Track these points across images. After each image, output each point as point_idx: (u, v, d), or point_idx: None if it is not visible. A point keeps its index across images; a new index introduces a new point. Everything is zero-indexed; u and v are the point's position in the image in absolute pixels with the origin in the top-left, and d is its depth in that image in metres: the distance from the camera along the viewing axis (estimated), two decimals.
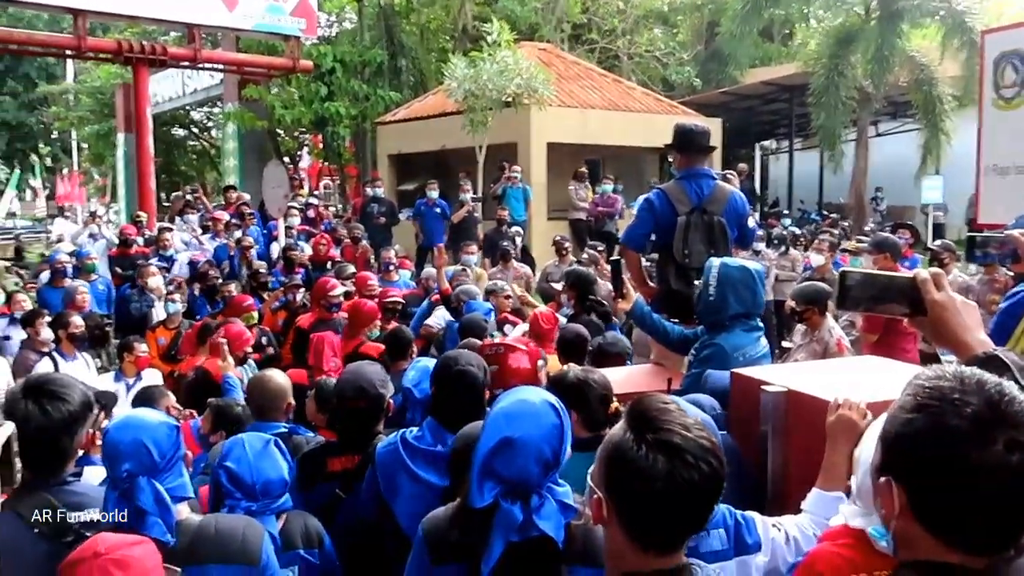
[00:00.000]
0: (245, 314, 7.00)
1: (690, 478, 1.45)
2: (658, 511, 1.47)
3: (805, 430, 2.58)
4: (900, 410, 1.25)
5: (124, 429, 2.36)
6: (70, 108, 32.67)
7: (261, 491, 2.66)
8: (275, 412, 3.67)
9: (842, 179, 19.45)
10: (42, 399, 2.36)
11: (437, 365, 3.11)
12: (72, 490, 2.41)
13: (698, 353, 3.77)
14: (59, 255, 9.12)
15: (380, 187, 13.44)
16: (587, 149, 16.33)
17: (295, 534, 2.79)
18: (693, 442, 1.48)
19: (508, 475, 2.03)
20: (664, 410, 1.53)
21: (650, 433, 1.48)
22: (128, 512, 2.28)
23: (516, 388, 2.26)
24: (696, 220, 4.63)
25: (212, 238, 11.22)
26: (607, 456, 1.53)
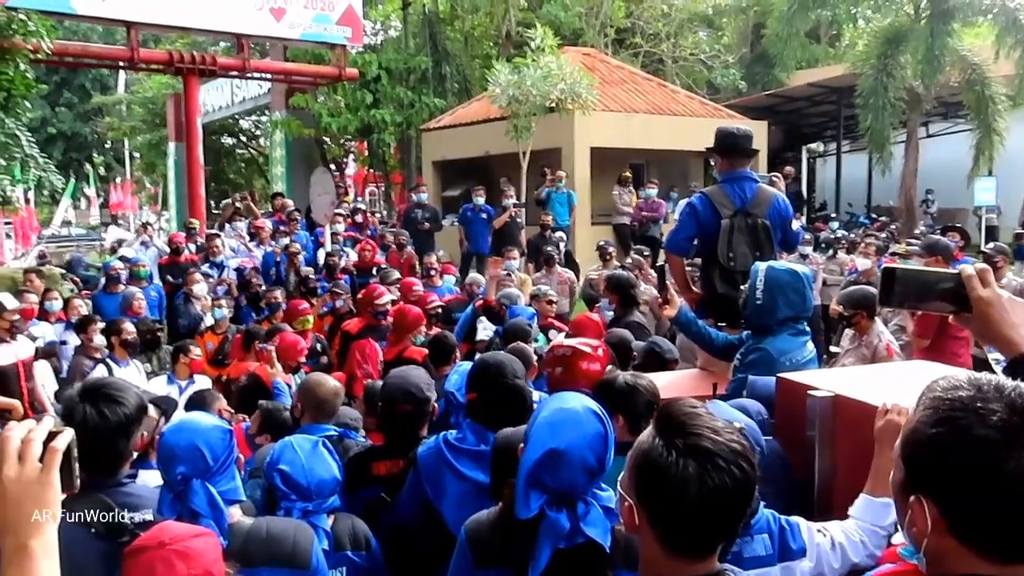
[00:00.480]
0: (301, 318, 7.12)
1: (722, 483, 1.42)
2: (690, 517, 1.44)
3: (853, 436, 2.55)
4: (922, 425, 1.22)
5: (179, 433, 2.43)
6: (123, 118, 33.44)
7: (315, 491, 2.70)
8: (326, 416, 3.71)
9: (891, 182, 19.11)
10: (99, 402, 2.43)
11: (475, 370, 3.08)
12: (127, 491, 2.47)
13: (743, 358, 3.73)
14: (113, 262, 9.33)
15: (425, 193, 13.53)
16: (631, 153, 16.27)
17: (343, 535, 2.82)
18: (724, 446, 1.46)
19: (554, 486, 2.03)
20: (693, 414, 1.51)
21: (679, 438, 1.46)
22: (182, 514, 2.34)
23: (558, 394, 2.25)
24: (740, 223, 4.60)
25: (258, 245, 11.38)
26: (637, 463, 1.50)
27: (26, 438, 1.31)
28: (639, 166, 17.02)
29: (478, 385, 2.98)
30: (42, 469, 1.30)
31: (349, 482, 3.17)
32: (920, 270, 1.80)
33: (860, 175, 21.77)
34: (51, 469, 1.30)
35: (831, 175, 22.83)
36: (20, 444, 1.30)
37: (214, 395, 4.93)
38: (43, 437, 1.32)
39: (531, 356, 4.81)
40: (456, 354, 5.45)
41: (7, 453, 1.29)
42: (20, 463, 1.29)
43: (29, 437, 1.31)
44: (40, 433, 1.32)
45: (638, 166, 16.90)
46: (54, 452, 1.31)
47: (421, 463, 2.90)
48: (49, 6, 12.23)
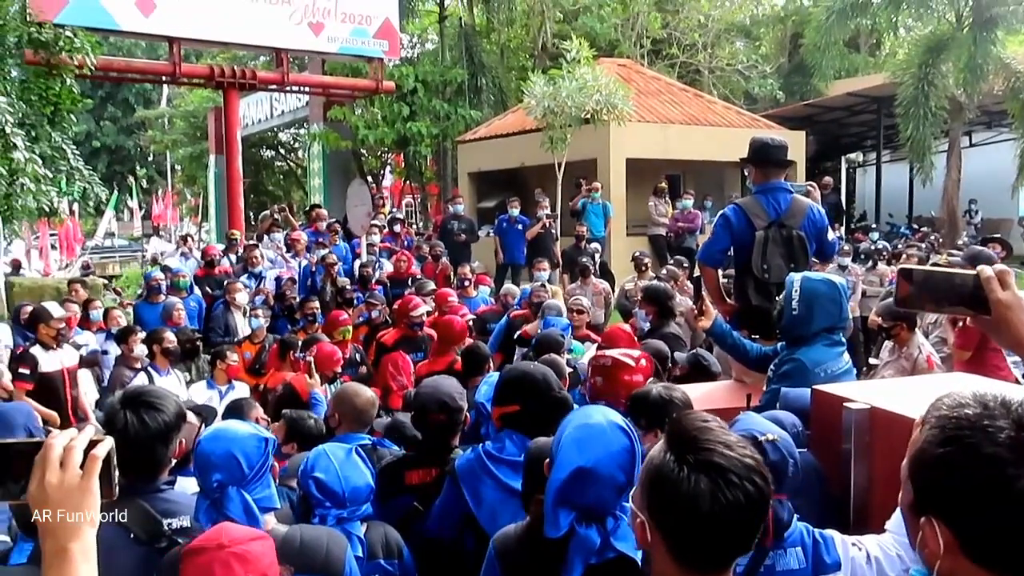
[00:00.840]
0: (340, 329, 7.20)
1: (735, 498, 1.40)
2: (703, 533, 1.42)
3: (889, 449, 2.52)
4: (928, 444, 1.20)
5: (215, 440, 2.47)
6: (165, 132, 34.06)
7: (350, 498, 2.72)
8: (360, 425, 3.74)
9: (933, 192, 18.82)
10: (139, 409, 2.48)
11: (515, 382, 3.04)
12: (165, 497, 2.52)
13: (777, 368, 3.70)
14: (154, 273, 9.48)
15: (461, 204, 13.58)
16: (667, 164, 16.22)
17: (376, 544, 2.83)
18: (736, 461, 1.43)
19: (583, 503, 2.03)
20: (704, 428, 1.48)
21: (691, 453, 1.43)
22: (218, 521, 2.38)
23: (582, 410, 2.24)
24: (774, 234, 4.57)
25: (294, 256, 11.49)
26: (648, 478, 1.48)
27: (68, 445, 1.34)
28: (675, 177, 16.96)
29: (521, 397, 2.95)
30: (83, 476, 1.33)
31: (382, 491, 3.19)
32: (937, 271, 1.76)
33: (901, 185, 21.47)
34: (91, 476, 1.34)
35: (871, 185, 22.54)
36: (62, 451, 1.34)
37: (251, 403, 5.00)
38: (84, 445, 1.35)
39: (563, 368, 4.82)
40: (489, 365, 5.47)
41: (50, 460, 1.33)
42: (62, 469, 1.32)
43: (71, 444, 1.34)
44: (82, 441, 1.35)
45: (674, 177, 16.84)
46: (94, 459, 1.34)
47: (460, 473, 2.89)
48: (95, 23, 12.53)
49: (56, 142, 9.57)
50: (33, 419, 4.74)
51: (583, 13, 22.67)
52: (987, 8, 17.36)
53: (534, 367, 3.16)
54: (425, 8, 23.36)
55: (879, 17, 20.84)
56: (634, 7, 22.91)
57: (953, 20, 18.59)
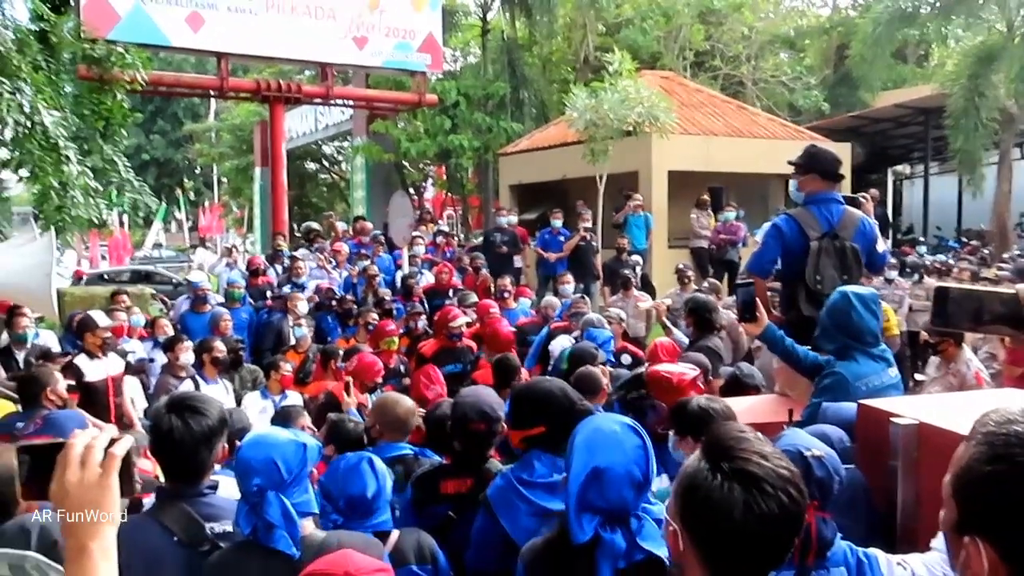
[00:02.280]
0: (386, 339, 7.24)
1: (768, 509, 1.38)
2: (735, 543, 1.40)
3: (938, 466, 2.44)
4: (976, 462, 1.17)
5: (256, 446, 2.50)
6: (212, 145, 34.72)
7: (346, 506, 2.72)
8: (400, 434, 3.75)
9: (982, 204, 18.47)
10: (184, 413, 2.52)
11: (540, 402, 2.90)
12: (208, 502, 2.55)
13: (819, 382, 3.66)
14: (202, 283, 9.55)
15: (505, 216, 13.51)
16: (710, 177, 16.10)
17: (407, 550, 2.82)
18: (771, 471, 1.41)
19: (605, 505, 2.03)
20: (740, 438, 1.47)
21: (725, 462, 1.42)
22: (257, 525, 2.40)
23: (591, 417, 2.24)
24: (828, 246, 4.51)
25: (335, 267, 11.58)
26: (682, 486, 1.47)
27: (88, 444, 1.38)
28: (718, 189, 16.84)
29: (546, 417, 2.84)
30: (102, 474, 1.36)
31: (417, 500, 3.22)
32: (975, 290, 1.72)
33: (949, 198, 21.09)
34: (110, 474, 1.37)
35: (918, 198, 22.18)
36: (83, 450, 1.37)
37: (299, 411, 5.06)
38: (104, 444, 1.39)
39: (599, 380, 4.79)
40: (520, 376, 5.45)
41: (70, 459, 1.36)
42: (82, 468, 1.36)
43: (91, 443, 1.38)
44: (102, 440, 1.39)
45: (717, 189, 16.72)
46: (113, 457, 1.38)
47: (493, 501, 2.80)
48: (146, 39, 12.83)
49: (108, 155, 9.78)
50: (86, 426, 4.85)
51: (625, 26, 22.68)
52: None
53: (549, 383, 3.05)
54: (468, 22, 23.54)
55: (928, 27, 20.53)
56: (677, 19, 22.86)
57: (1004, 30, 18.25)
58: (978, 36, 20.28)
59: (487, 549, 2.81)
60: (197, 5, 13.76)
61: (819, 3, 29.99)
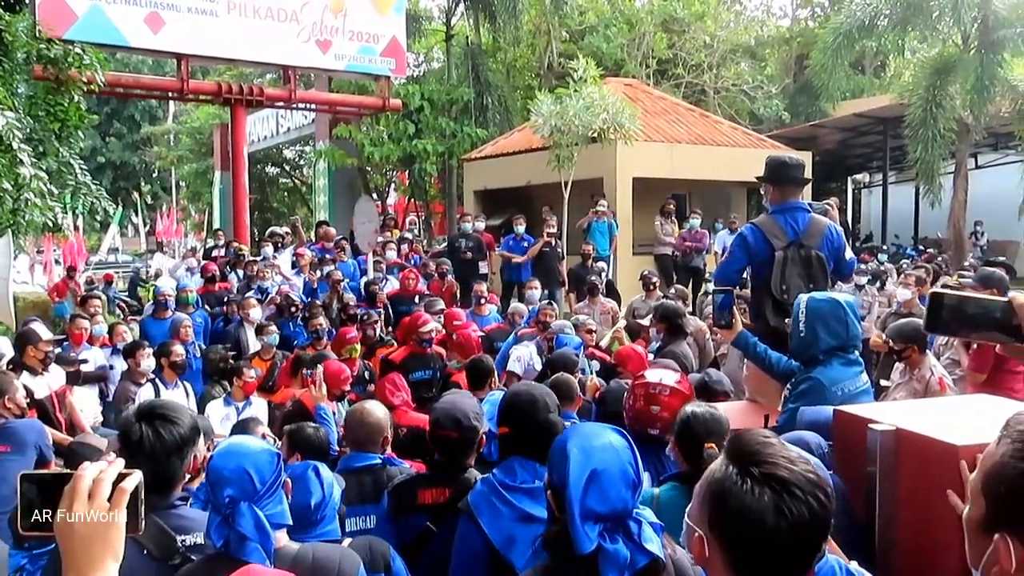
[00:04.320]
0: (348, 346, 7.16)
1: (799, 513, 1.39)
2: (765, 548, 1.41)
3: (916, 472, 2.48)
4: (1008, 459, 1.18)
5: (227, 456, 2.42)
6: (171, 148, 34.22)
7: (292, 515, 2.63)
8: (372, 444, 3.70)
9: (939, 213, 18.82)
10: (155, 422, 2.45)
11: (506, 404, 2.96)
12: (179, 514, 2.49)
13: (794, 388, 3.69)
14: (163, 288, 9.41)
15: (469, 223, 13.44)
16: (673, 184, 16.23)
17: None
18: (800, 475, 1.42)
19: (606, 509, 2.00)
20: (767, 443, 1.48)
21: (754, 467, 1.43)
22: (230, 537, 2.34)
23: (572, 427, 2.25)
24: (793, 255, 4.55)
25: (297, 273, 11.46)
26: (710, 493, 1.47)
27: (97, 478, 1.34)
28: (681, 196, 16.98)
29: (510, 419, 2.88)
30: (110, 509, 1.33)
31: (394, 509, 3.17)
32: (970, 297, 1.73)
33: (906, 206, 21.48)
34: (118, 509, 1.34)
35: (876, 206, 22.58)
36: (91, 483, 1.34)
37: (257, 421, 4.98)
38: (113, 478, 1.35)
39: (575, 387, 4.79)
40: (493, 379, 5.44)
41: (78, 492, 1.33)
42: (90, 502, 1.33)
43: (100, 477, 1.34)
44: (110, 474, 1.36)
45: (680, 196, 16.85)
46: (122, 493, 1.35)
47: (475, 508, 2.75)
48: (104, 39, 12.61)
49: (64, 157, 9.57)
50: (44, 436, 4.73)
51: (589, 33, 22.80)
52: (993, 30, 17.40)
53: (534, 388, 3.07)
54: (432, 27, 23.49)
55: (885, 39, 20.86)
56: (640, 27, 23.04)
57: (960, 42, 18.63)
58: (934, 48, 20.69)
59: (470, 559, 2.76)
60: (157, 6, 13.54)
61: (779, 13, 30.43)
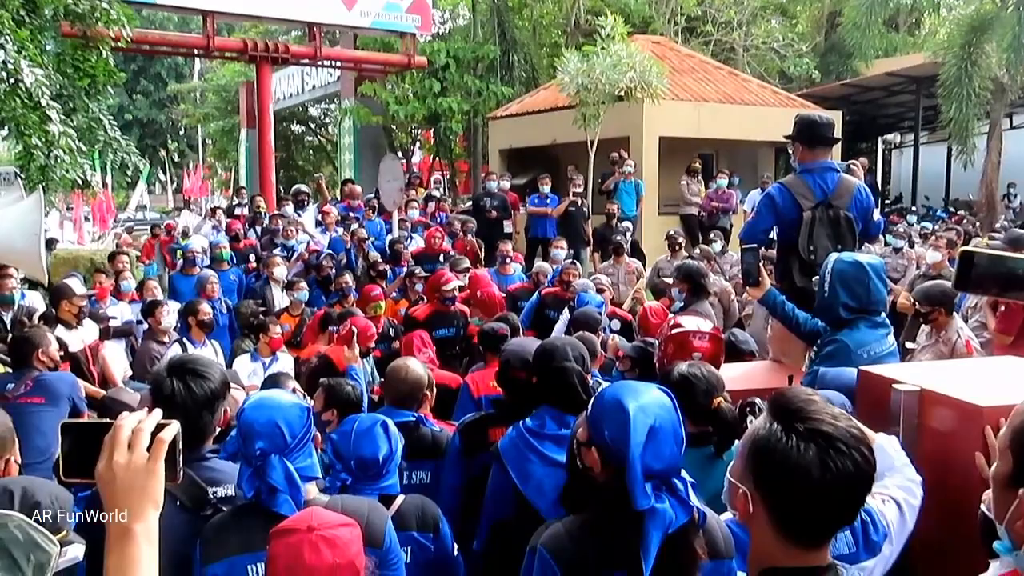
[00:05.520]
0: (373, 304, 7.18)
1: (844, 467, 1.42)
2: (812, 503, 1.44)
3: (939, 433, 2.48)
4: None
5: (259, 409, 2.48)
6: (197, 106, 34.28)
7: (357, 466, 2.76)
8: (412, 401, 3.67)
9: (971, 175, 18.49)
10: (186, 377, 2.50)
11: (536, 358, 3.15)
12: (210, 466, 2.55)
13: (820, 349, 3.69)
14: (191, 245, 9.47)
15: (495, 181, 13.38)
16: (700, 143, 16.07)
17: (410, 516, 2.88)
18: (844, 431, 1.46)
19: (661, 465, 2.02)
20: (810, 400, 1.51)
21: (799, 423, 1.46)
22: (260, 489, 2.40)
23: (620, 384, 2.23)
24: (821, 215, 4.51)
25: (323, 231, 11.50)
26: (755, 448, 1.50)
27: (137, 427, 1.37)
28: (708, 156, 16.80)
29: (536, 367, 3.10)
30: (149, 458, 1.36)
31: (467, 447, 3.36)
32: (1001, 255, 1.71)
33: (938, 167, 21.12)
34: (157, 459, 1.37)
35: (907, 167, 22.20)
36: (131, 433, 1.37)
37: (286, 376, 5.04)
38: (152, 428, 1.38)
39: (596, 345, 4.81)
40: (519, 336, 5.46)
41: (119, 441, 1.36)
42: (130, 451, 1.36)
43: (140, 427, 1.38)
44: (149, 424, 1.39)
45: (707, 156, 16.68)
46: (161, 443, 1.38)
47: (504, 454, 2.92)
48: None
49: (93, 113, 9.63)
50: (77, 389, 4.82)
51: None
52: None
53: (559, 339, 3.29)
54: None
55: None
56: None
57: None
58: (970, 5, 20.20)
59: (501, 500, 2.92)
60: None
61: None
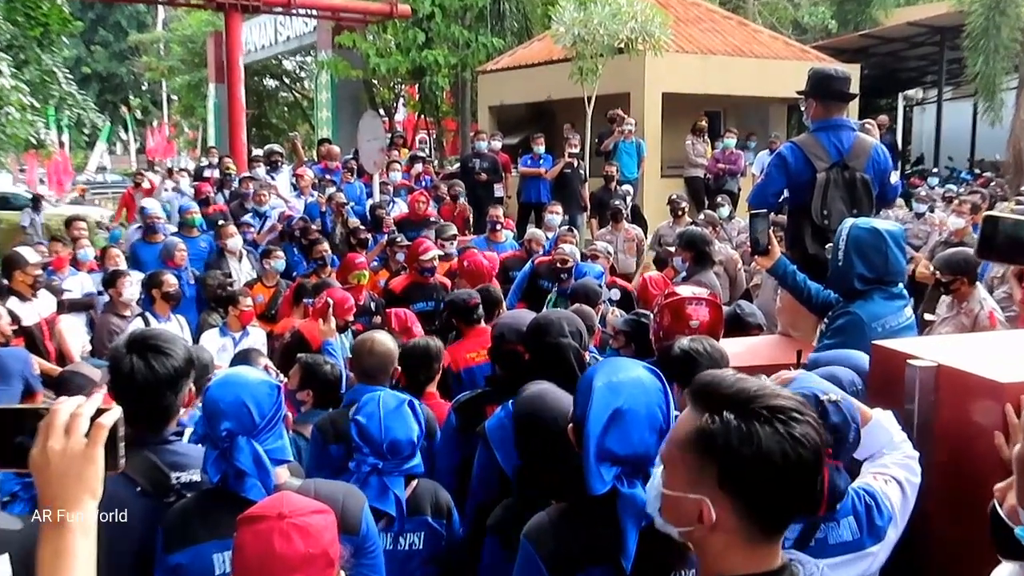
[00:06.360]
0: (356, 272, 7.13)
1: (810, 438, 1.41)
2: (786, 486, 1.41)
3: (957, 410, 2.49)
4: None
5: (225, 387, 2.48)
6: (161, 58, 33.94)
7: (389, 450, 2.82)
8: (381, 376, 3.76)
9: (998, 133, 18.48)
10: (147, 353, 2.48)
11: (529, 333, 3.21)
12: (174, 449, 2.55)
13: (831, 322, 3.69)
14: (151, 210, 9.34)
15: (484, 141, 13.30)
16: (707, 100, 15.99)
17: (425, 501, 2.97)
18: (788, 399, 1.45)
19: (625, 451, 2.02)
20: (743, 379, 1.48)
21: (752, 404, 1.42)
22: (227, 472, 2.40)
23: (608, 360, 2.28)
24: (836, 177, 4.50)
25: (298, 196, 11.41)
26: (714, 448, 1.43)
27: (75, 412, 1.37)
28: (715, 114, 16.73)
29: (528, 342, 3.17)
30: (87, 444, 1.36)
31: (463, 425, 3.41)
32: None
33: (963, 126, 21.09)
34: (96, 445, 1.37)
35: (929, 125, 22.19)
36: (68, 418, 1.37)
37: (258, 352, 5.03)
38: (91, 412, 1.38)
39: (594, 319, 4.82)
40: (501, 309, 5.47)
41: (54, 426, 1.36)
42: (66, 436, 1.35)
43: (77, 412, 1.37)
44: (88, 409, 1.38)
45: (714, 114, 16.61)
46: (100, 428, 1.37)
47: (491, 435, 2.96)
48: None
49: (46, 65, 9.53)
50: (29, 366, 4.80)
51: None
52: None
53: (553, 313, 3.34)
54: None
55: None
56: None
57: None
58: None
59: (487, 483, 2.97)
60: None
61: None
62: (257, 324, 6.92)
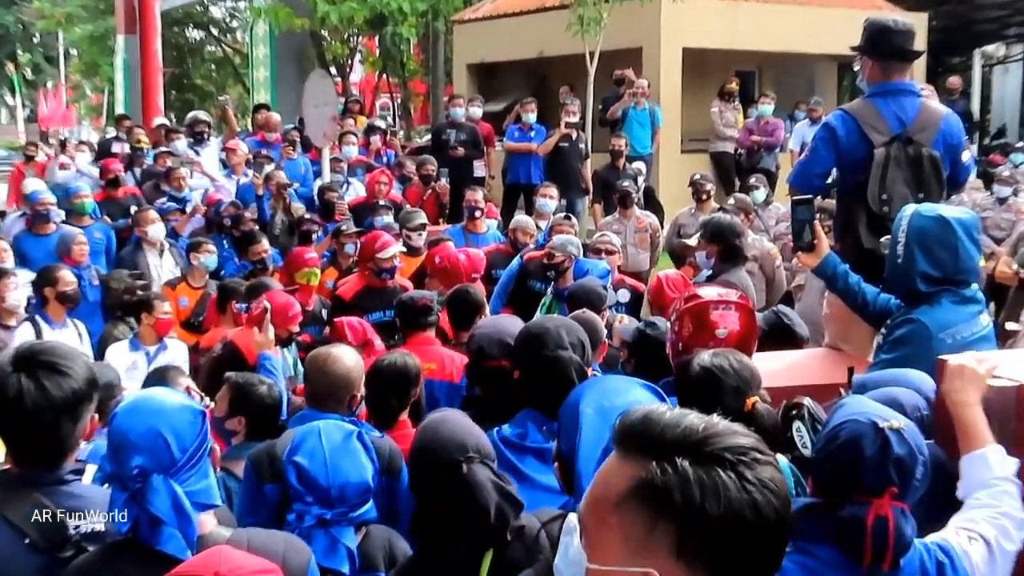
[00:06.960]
0: (305, 271, 7.09)
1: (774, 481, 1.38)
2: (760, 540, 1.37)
3: None
4: None
5: (136, 414, 2.46)
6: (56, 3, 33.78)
7: (337, 496, 2.81)
8: (335, 402, 3.70)
9: None
10: (38, 372, 2.46)
11: (519, 345, 3.24)
12: (71, 491, 2.53)
13: (889, 332, 3.70)
14: (40, 195, 9.24)
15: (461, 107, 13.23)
16: (738, 57, 16.07)
17: (376, 552, 2.96)
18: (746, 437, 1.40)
19: None
20: (685, 415, 1.43)
21: (705, 447, 1.38)
22: (139, 520, 2.38)
23: (598, 379, 2.37)
24: (898, 153, 4.51)
25: (229, 175, 11.38)
26: (669, 510, 1.36)
27: None
28: (748, 75, 16.80)
29: (517, 358, 3.19)
30: None
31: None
32: None
33: None
34: None
35: (1013, 90, 22.36)
36: None
37: (178, 370, 5.01)
38: None
39: (600, 329, 4.81)
40: (484, 314, 5.47)
41: None
42: None
43: None
44: None
45: (747, 75, 16.68)
46: None
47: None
48: None
49: None
50: None
51: None
52: None
53: (549, 320, 3.43)
54: None
55: None
56: None
57: None
58: None
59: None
60: None
61: None
62: (177, 335, 6.90)
